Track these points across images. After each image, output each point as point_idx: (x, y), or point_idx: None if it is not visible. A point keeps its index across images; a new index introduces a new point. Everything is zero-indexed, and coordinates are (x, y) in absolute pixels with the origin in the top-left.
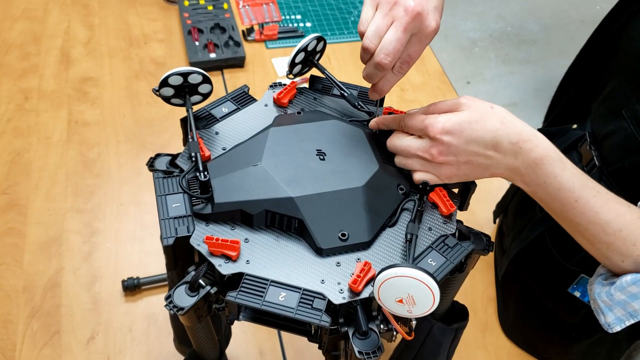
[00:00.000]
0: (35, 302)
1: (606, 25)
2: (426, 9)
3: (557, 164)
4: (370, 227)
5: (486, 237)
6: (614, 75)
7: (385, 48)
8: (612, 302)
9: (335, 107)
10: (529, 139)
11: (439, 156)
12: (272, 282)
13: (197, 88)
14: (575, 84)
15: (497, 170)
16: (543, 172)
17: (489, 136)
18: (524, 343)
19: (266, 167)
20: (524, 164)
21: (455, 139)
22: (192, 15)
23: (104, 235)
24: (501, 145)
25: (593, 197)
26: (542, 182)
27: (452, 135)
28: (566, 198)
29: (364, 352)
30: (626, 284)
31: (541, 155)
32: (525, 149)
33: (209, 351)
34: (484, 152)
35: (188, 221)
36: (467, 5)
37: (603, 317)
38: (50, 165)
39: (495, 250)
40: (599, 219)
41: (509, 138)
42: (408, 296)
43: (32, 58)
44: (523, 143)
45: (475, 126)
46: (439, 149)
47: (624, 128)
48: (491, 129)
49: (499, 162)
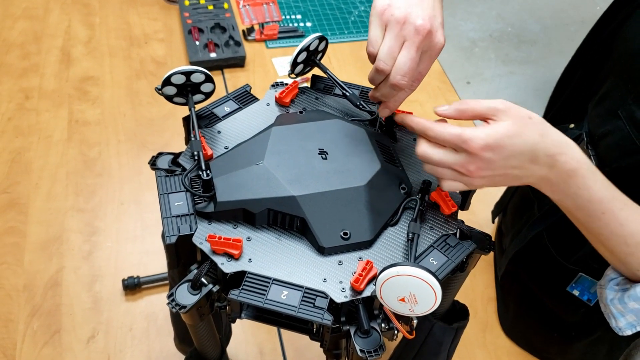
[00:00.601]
0: (35, 301)
1: (601, 26)
2: (434, 25)
3: (589, 176)
4: (372, 226)
5: (487, 236)
6: (610, 75)
7: (401, 69)
8: (625, 309)
9: (337, 107)
10: (565, 151)
11: (477, 172)
12: (275, 281)
13: (199, 87)
14: (571, 84)
15: (529, 180)
16: (575, 183)
17: (528, 150)
18: (524, 342)
19: (268, 166)
20: (557, 175)
21: (496, 155)
22: (192, 14)
23: (104, 235)
24: (538, 157)
25: (620, 210)
26: (572, 193)
27: (493, 152)
28: (594, 210)
29: (365, 350)
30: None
31: (575, 167)
32: (560, 161)
33: (210, 350)
34: (521, 164)
35: (190, 219)
36: (467, 5)
37: (614, 321)
38: (50, 165)
39: (495, 250)
40: (623, 231)
41: (546, 151)
42: (410, 295)
43: (32, 57)
44: (559, 156)
45: (516, 140)
46: (478, 165)
47: (620, 128)
48: (531, 142)
49: (533, 173)
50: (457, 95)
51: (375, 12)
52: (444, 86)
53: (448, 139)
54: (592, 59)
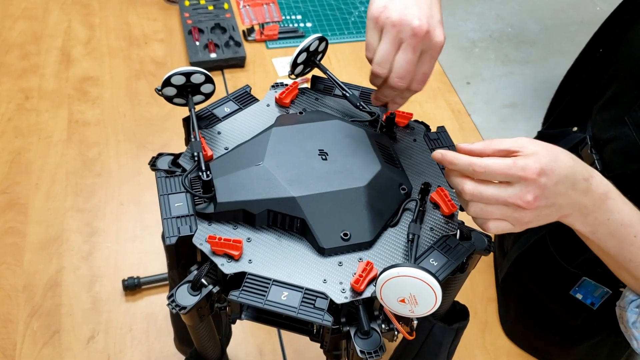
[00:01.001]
0: (35, 302)
1: (607, 29)
2: (432, 24)
3: (619, 199)
4: (372, 227)
5: (487, 237)
6: (616, 80)
7: (398, 72)
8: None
9: (337, 108)
10: (594, 175)
11: (534, 202)
12: (275, 282)
13: (199, 88)
14: (575, 87)
15: (568, 210)
16: (608, 207)
17: (570, 173)
18: (525, 344)
19: (268, 166)
20: (592, 200)
21: (549, 180)
22: (192, 15)
23: (104, 235)
24: (577, 182)
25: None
26: (605, 219)
27: (547, 177)
28: (626, 234)
29: (365, 351)
30: None
31: (606, 191)
32: (594, 184)
33: (210, 350)
34: (566, 191)
35: (190, 220)
36: (467, 5)
37: (636, 342)
38: (50, 165)
39: (496, 252)
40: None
41: (582, 175)
42: (410, 296)
43: (32, 58)
44: (592, 179)
45: (560, 164)
46: (536, 193)
47: (626, 134)
48: (569, 165)
49: (574, 201)
50: (456, 96)
51: (371, 15)
52: (444, 86)
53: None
54: (596, 62)
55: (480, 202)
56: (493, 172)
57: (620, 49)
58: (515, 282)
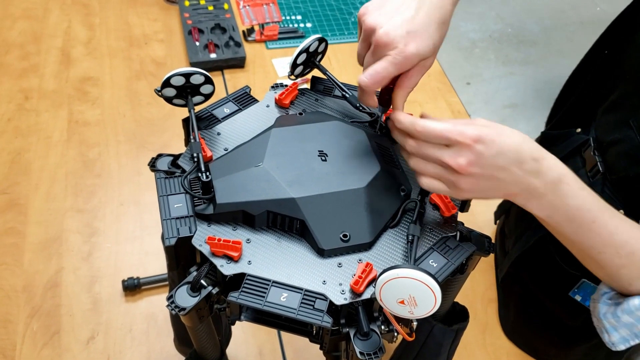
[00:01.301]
0: (35, 302)
1: (613, 32)
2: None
3: (575, 183)
4: (371, 228)
5: (487, 238)
6: (621, 83)
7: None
8: (618, 323)
9: (336, 108)
10: (547, 156)
11: (467, 167)
12: (274, 283)
13: (199, 89)
14: (579, 89)
15: (514, 189)
16: (563, 192)
17: (514, 150)
18: (524, 344)
19: (268, 168)
20: (544, 183)
21: (487, 150)
22: (192, 15)
23: (104, 235)
24: (524, 160)
25: (610, 218)
26: (561, 203)
27: (484, 145)
28: (584, 218)
29: (365, 353)
30: (634, 308)
31: (560, 174)
32: (545, 166)
33: (210, 351)
34: (509, 167)
35: (190, 221)
36: (467, 6)
37: (607, 336)
38: (50, 165)
39: (497, 252)
40: (614, 241)
41: (531, 154)
42: (410, 297)
43: (32, 58)
44: (543, 160)
45: (503, 138)
46: (469, 158)
47: (630, 138)
48: (516, 142)
49: (519, 179)
50: (456, 96)
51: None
52: (444, 87)
53: (440, 131)
54: (601, 64)
55: (419, 158)
56: (431, 132)
57: (626, 52)
58: (516, 282)
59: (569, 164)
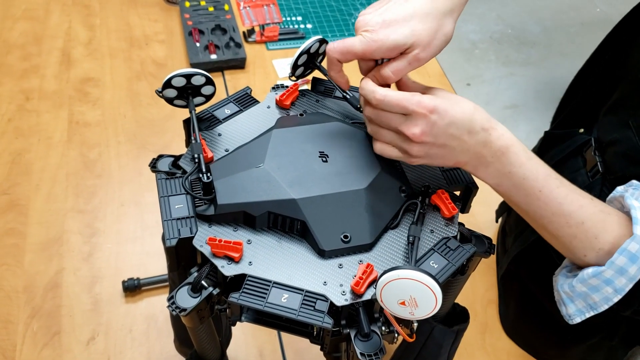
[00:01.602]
0: (35, 303)
1: (617, 34)
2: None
3: (522, 153)
4: (372, 229)
5: (487, 239)
6: (623, 84)
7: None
8: (573, 293)
9: (337, 109)
10: (496, 127)
11: (421, 136)
12: (275, 284)
13: (200, 89)
14: (583, 90)
15: (464, 157)
16: (509, 160)
17: (466, 119)
18: (524, 342)
19: (269, 168)
20: (491, 151)
21: (440, 120)
22: (193, 16)
23: (104, 236)
24: (474, 130)
25: (557, 187)
26: (507, 172)
27: (438, 115)
28: (530, 188)
29: (365, 354)
30: (587, 277)
31: (507, 144)
32: (493, 136)
33: (210, 352)
34: (460, 136)
35: (191, 222)
36: (468, 7)
37: (565, 308)
38: (51, 166)
39: (498, 249)
40: (562, 210)
41: (481, 123)
42: (410, 298)
43: (33, 58)
44: (492, 130)
45: (456, 108)
46: (423, 128)
47: (629, 138)
48: (468, 112)
49: (468, 148)
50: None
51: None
52: (445, 88)
53: (397, 100)
54: (605, 65)
55: (376, 124)
56: (390, 102)
57: (629, 54)
58: (515, 279)
59: (570, 163)
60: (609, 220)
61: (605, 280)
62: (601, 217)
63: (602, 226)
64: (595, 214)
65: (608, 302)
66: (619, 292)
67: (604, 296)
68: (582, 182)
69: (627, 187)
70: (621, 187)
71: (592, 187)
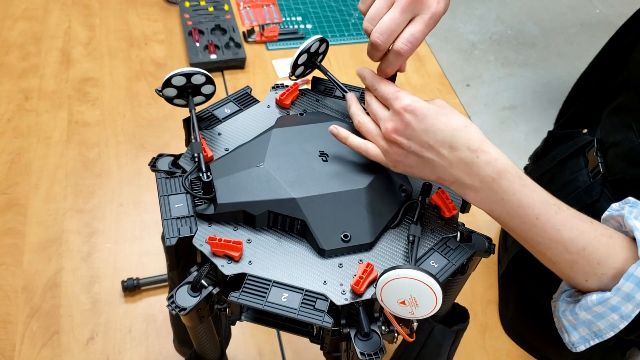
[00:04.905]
0: (34, 303)
1: (620, 36)
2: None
3: (516, 180)
4: (372, 229)
5: (488, 239)
6: (626, 86)
7: (380, 27)
8: (576, 321)
9: (337, 109)
10: (488, 150)
11: (391, 132)
12: (275, 283)
13: (199, 89)
14: (587, 91)
15: (446, 175)
16: (500, 187)
17: (448, 132)
18: (522, 341)
19: (269, 168)
20: (479, 177)
21: (416, 122)
22: (192, 16)
23: (103, 236)
24: (456, 146)
25: (554, 214)
26: (499, 199)
27: (414, 116)
28: (526, 215)
29: (365, 353)
30: (592, 304)
31: (499, 170)
32: (482, 159)
33: (210, 352)
34: (438, 148)
35: (191, 221)
36: (467, 7)
37: (567, 335)
38: (50, 166)
39: (499, 247)
40: (561, 237)
41: (469, 142)
42: (410, 298)
43: (32, 58)
44: (481, 153)
45: (440, 118)
46: (396, 125)
47: (630, 140)
48: (454, 127)
49: (449, 165)
50: (456, 97)
51: None
52: (444, 88)
53: (385, 92)
54: (609, 67)
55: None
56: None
57: (631, 56)
58: (515, 278)
59: (572, 163)
60: (612, 245)
61: (611, 307)
62: (604, 242)
63: (606, 251)
64: (597, 239)
65: (614, 329)
66: (626, 319)
67: (610, 323)
68: (583, 182)
69: (624, 205)
70: (616, 205)
71: (592, 187)
